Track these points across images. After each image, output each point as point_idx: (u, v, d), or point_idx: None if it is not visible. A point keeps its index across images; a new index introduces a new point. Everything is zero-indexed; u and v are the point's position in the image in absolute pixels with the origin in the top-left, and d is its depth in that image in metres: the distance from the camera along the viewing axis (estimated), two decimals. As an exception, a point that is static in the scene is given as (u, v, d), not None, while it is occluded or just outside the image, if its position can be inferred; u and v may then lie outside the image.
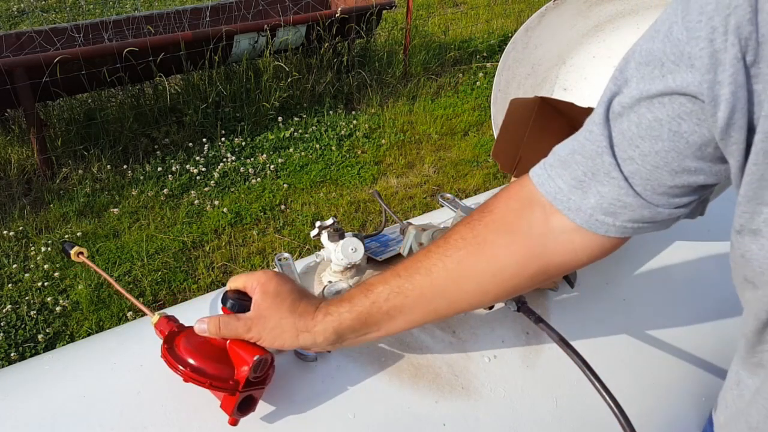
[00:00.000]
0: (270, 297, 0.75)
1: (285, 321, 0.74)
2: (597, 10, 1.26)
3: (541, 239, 0.67)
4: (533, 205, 0.68)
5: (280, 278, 0.78)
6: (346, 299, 0.74)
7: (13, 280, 2.85)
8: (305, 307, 0.75)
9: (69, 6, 6.68)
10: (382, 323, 0.73)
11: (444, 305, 0.72)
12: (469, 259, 0.69)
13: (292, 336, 0.74)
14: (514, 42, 1.25)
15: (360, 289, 0.74)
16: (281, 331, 0.74)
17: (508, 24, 6.36)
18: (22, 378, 0.85)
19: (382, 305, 0.71)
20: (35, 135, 3.49)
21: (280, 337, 0.74)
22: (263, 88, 4.28)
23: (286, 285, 0.77)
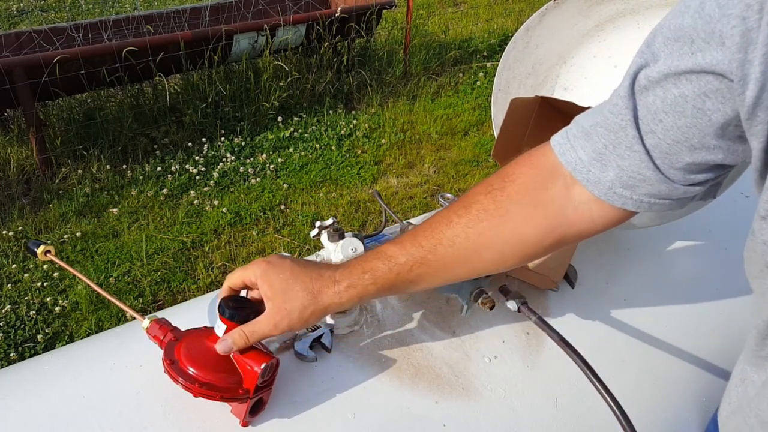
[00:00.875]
0: (278, 287, 0.74)
1: (307, 306, 0.74)
2: (597, 9, 1.25)
3: (562, 210, 0.69)
4: (556, 177, 0.69)
5: (276, 264, 0.76)
6: (367, 270, 0.74)
7: (12, 280, 2.85)
8: (320, 283, 0.74)
9: (68, 5, 6.67)
10: (405, 289, 0.77)
11: (464, 272, 0.75)
12: (492, 230, 0.71)
13: (319, 315, 0.76)
14: (515, 41, 1.25)
15: (379, 257, 0.75)
16: (309, 314, 0.75)
17: (509, 23, 6.36)
18: (22, 378, 0.85)
19: (406, 276, 0.74)
20: (34, 135, 3.49)
21: (309, 319, 0.75)
22: (263, 88, 4.27)
23: (284, 268, 0.75)
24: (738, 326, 1.06)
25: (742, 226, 1.26)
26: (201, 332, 0.82)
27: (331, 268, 0.76)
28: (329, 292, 0.74)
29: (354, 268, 0.75)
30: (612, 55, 1.32)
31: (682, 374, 1.01)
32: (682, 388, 0.99)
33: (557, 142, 0.71)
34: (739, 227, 1.25)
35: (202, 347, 0.77)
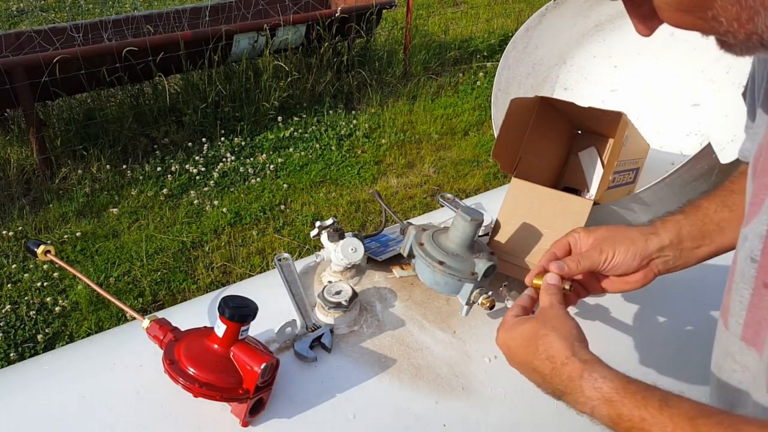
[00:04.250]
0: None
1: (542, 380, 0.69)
2: (597, 9, 1.25)
3: None
4: None
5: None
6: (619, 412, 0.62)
7: (12, 280, 2.85)
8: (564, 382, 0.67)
9: (68, 5, 6.67)
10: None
11: None
12: None
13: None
14: (515, 41, 1.25)
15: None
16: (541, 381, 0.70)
17: (509, 23, 6.36)
18: (22, 378, 0.85)
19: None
20: (34, 135, 3.48)
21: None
22: (263, 88, 4.27)
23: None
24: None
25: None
26: (201, 332, 0.82)
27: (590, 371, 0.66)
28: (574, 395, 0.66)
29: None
30: (612, 55, 1.32)
31: (682, 374, 1.01)
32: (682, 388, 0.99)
33: None
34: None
35: (202, 347, 0.77)
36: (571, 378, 0.65)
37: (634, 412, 0.59)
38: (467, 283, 0.91)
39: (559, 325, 0.70)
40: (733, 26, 0.51)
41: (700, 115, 1.22)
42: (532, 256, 1.03)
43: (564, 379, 0.65)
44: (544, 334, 0.69)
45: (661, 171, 0.96)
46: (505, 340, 0.73)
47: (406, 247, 0.98)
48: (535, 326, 0.71)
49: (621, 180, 1.12)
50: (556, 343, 0.67)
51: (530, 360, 0.69)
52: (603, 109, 1.07)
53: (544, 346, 0.68)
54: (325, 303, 0.92)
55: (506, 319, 0.75)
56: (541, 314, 0.73)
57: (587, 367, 0.64)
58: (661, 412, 0.58)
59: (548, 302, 0.75)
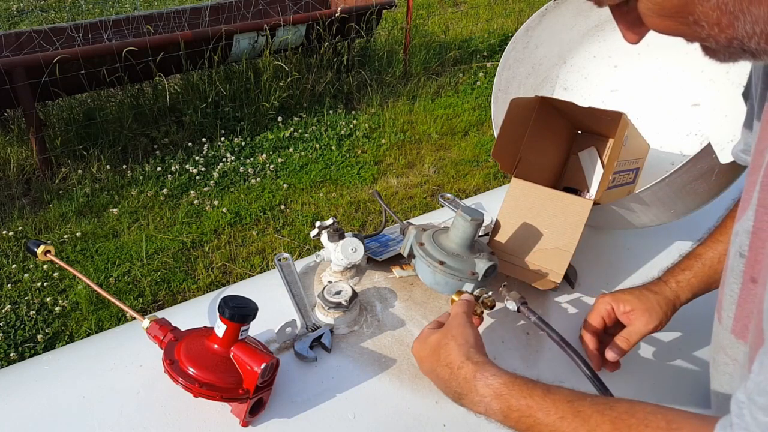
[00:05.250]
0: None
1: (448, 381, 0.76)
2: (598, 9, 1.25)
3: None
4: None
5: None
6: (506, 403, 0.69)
7: (12, 280, 2.85)
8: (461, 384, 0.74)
9: (68, 6, 6.67)
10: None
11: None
12: None
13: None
14: (515, 41, 1.25)
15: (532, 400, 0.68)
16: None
17: (509, 23, 6.36)
18: (22, 378, 0.85)
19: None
20: (34, 135, 3.49)
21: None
22: (263, 88, 4.27)
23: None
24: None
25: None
26: (201, 332, 0.82)
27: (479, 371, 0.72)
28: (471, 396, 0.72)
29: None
30: (612, 55, 1.32)
31: (682, 374, 1.01)
32: (681, 388, 0.99)
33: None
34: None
35: (202, 347, 0.77)
36: (466, 379, 0.72)
37: (521, 402, 0.67)
38: (467, 283, 0.91)
39: (458, 333, 0.77)
40: (713, 31, 0.51)
41: (700, 115, 1.22)
42: (532, 256, 1.03)
43: (461, 382, 0.72)
44: (445, 343, 0.76)
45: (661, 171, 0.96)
46: (417, 350, 0.81)
47: (406, 247, 0.98)
48: (439, 336, 0.78)
49: (621, 180, 1.12)
50: (453, 350, 0.75)
51: (434, 367, 0.76)
52: (603, 109, 1.07)
53: (445, 353, 0.75)
54: (325, 303, 0.92)
55: (423, 331, 0.83)
56: (446, 325, 0.80)
57: (479, 368, 0.71)
58: (544, 399, 0.66)
59: (454, 313, 0.82)
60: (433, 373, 0.77)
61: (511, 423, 0.68)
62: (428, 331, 0.82)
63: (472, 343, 0.76)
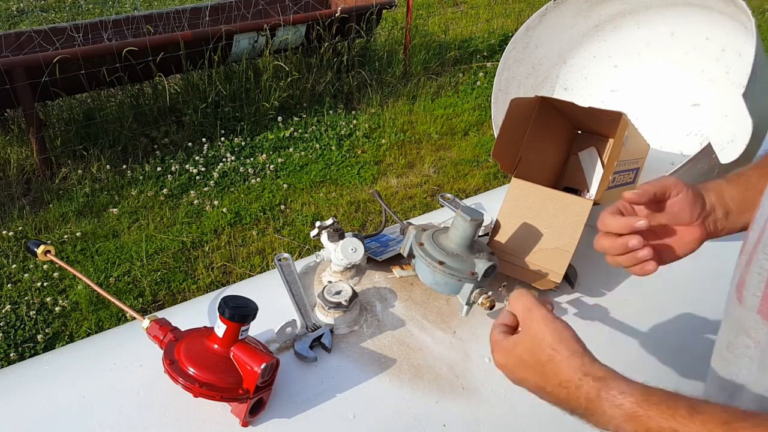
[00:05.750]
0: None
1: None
2: (597, 9, 1.25)
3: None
4: None
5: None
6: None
7: (12, 280, 2.85)
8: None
9: (68, 6, 6.67)
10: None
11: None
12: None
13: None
14: (515, 41, 1.25)
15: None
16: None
17: (509, 23, 6.36)
18: (22, 378, 0.85)
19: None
20: (34, 135, 3.48)
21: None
22: (263, 88, 4.27)
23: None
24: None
25: (742, 226, 1.26)
26: (201, 332, 0.82)
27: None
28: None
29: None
30: (612, 55, 1.32)
31: (682, 374, 1.01)
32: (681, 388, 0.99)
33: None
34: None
35: (202, 347, 0.77)
36: (589, 399, 0.61)
37: (663, 424, 0.55)
38: (467, 283, 0.91)
39: (556, 343, 0.66)
40: None
41: (700, 115, 1.22)
42: (532, 256, 1.03)
43: (582, 402, 0.62)
44: (548, 359, 0.65)
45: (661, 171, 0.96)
46: (505, 364, 0.70)
47: (406, 247, 0.98)
48: (529, 347, 0.67)
49: (621, 180, 1.12)
50: (563, 365, 0.64)
51: (541, 385, 0.66)
52: (603, 109, 1.07)
53: (553, 372, 0.65)
54: (325, 303, 0.92)
55: (495, 339, 0.71)
56: (527, 327, 0.69)
57: (603, 386, 0.61)
58: (692, 419, 0.54)
59: (525, 310, 0.70)
60: (541, 390, 0.67)
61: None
62: (505, 340, 0.70)
63: (579, 351, 0.65)
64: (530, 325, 0.68)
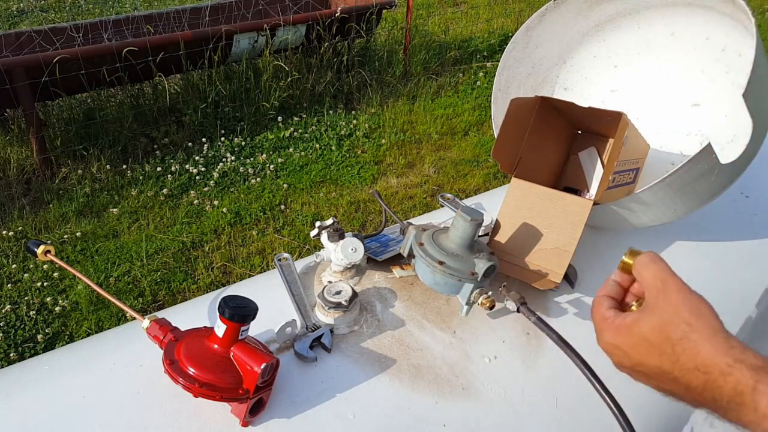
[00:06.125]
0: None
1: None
2: (597, 9, 1.25)
3: None
4: None
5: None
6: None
7: (12, 280, 2.85)
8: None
9: (68, 6, 6.67)
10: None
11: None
12: None
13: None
14: (515, 41, 1.25)
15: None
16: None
17: (509, 23, 6.36)
18: (22, 378, 0.85)
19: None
20: (34, 135, 3.48)
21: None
22: (263, 88, 4.27)
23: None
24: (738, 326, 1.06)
25: (742, 226, 1.26)
26: (201, 332, 0.82)
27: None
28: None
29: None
30: (612, 55, 1.32)
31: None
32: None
33: None
34: (739, 227, 1.25)
35: (202, 347, 0.77)
36: (739, 392, 0.50)
37: None
38: (467, 283, 0.91)
39: (694, 317, 0.54)
40: None
41: (700, 115, 1.22)
42: (532, 256, 1.03)
43: (726, 392, 0.51)
44: (682, 336, 0.54)
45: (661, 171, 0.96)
46: (618, 345, 0.59)
47: (406, 247, 0.98)
48: (658, 323, 0.55)
49: (621, 180, 1.12)
50: (704, 345, 0.53)
51: (667, 369, 0.55)
52: (603, 109, 1.07)
53: (687, 352, 0.53)
54: (325, 303, 0.92)
55: (605, 316, 0.60)
56: (659, 301, 0.57)
57: (762, 376, 0.50)
58: None
59: (659, 281, 0.58)
60: (663, 376, 0.56)
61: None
62: (618, 316, 0.60)
63: (723, 331, 0.53)
64: (663, 298, 0.56)
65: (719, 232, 1.23)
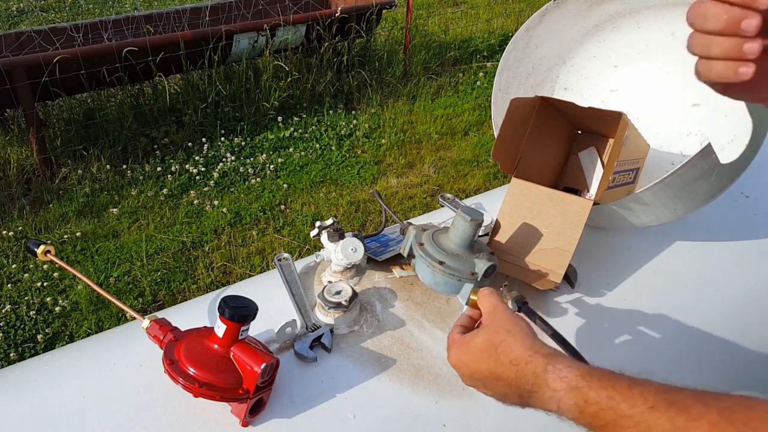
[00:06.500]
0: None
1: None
2: (597, 9, 1.25)
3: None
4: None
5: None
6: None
7: (12, 280, 2.85)
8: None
9: (68, 6, 6.67)
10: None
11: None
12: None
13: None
14: (515, 41, 1.25)
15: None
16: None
17: (509, 23, 6.36)
18: (22, 378, 0.85)
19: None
20: (34, 135, 3.49)
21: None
22: (263, 88, 4.27)
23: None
24: (738, 326, 1.06)
25: (742, 226, 1.26)
26: (201, 332, 0.82)
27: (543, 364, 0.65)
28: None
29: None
30: (612, 55, 1.32)
31: (682, 374, 1.01)
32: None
33: None
34: (739, 227, 1.25)
35: (202, 347, 0.77)
36: (536, 374, 0.64)
37: (602, 393, 0.58)
38: (467, 283, 0.91)
39: (512, 326, 0.69)
40: None
41: (700, 115, 1.22)
42: (532, 256, 1.03)
43: (530, 377, 0.65)
44: (501, 340, 0.68)
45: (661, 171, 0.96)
46: (460, 358, 0.72)
47: (406, 247, 0.98)
48: (487, 335, 0.70)
49: (621, 180, 1.12)
50: (515, 345, 0.67)
51: (492, 369, 0.68)
52: (603, 109, 1.07)
53: (505, 352, 0.67)
54: (325, 303, 0.92)
55: (453, 338, 0.74)
56: (489, 321, 0.72)
57: (551, 360, 0.64)
58: (630, 389, 0.57)
59: (491, 306, 0.74)
60: (491, 376, 0.68)
61: (586, 419, 0.59)
62: (462, 336, 0.73)
63: (532, 334, 0.68)
64: (493, 318, 0.72)
65: (719, 232, 1.23)
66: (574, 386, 0.61)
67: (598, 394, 0.58)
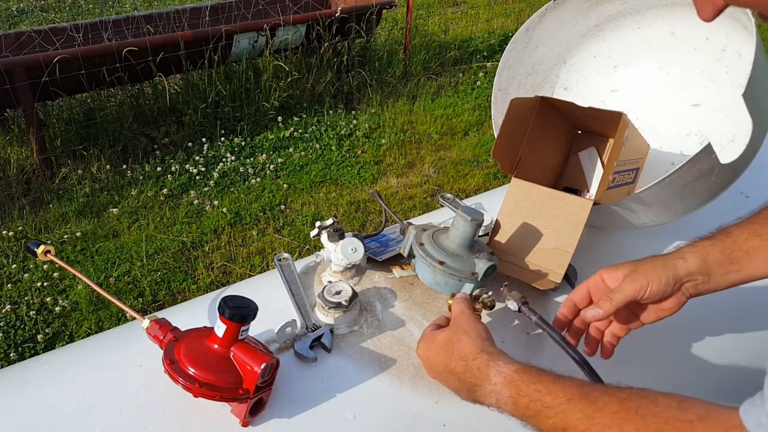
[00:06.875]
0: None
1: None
2: (597, 9, 1.25)
3: None
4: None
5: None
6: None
7: (12, 280, 2.85)
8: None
9: (68, 6, 6.67)
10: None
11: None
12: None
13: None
14: (515, 41, 1.25)
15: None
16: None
17: (509, 23, 6.36)
18: (22, 378, 0.85)
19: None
20: (34, 135, 3.48)
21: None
22: (263, 88, 4.27)
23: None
24: (737, 326, 1.06)
25: (742, 226, 1.26)
26: (201, 332, 0.82)
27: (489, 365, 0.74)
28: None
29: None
30: (612, 55, 1.32)
31: (682, 374, 1.01)
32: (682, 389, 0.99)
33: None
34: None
35: (202, 347, 0.77)
36: (480, 369, 0.73)
37: (531, 387, 0.68)
38: (467, 283, 0.91)
39: (470, 328, 0.79)
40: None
41: (700, 115, 1.22)
42: (532, 256, 1.03)
43: (475, 372, 0.74)
44: (458, 338, 0.78)
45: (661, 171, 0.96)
46: (424, 351, 0.82)
47: (406, 247, 0.98)
48: (448, 333, 0.80)
49: (621, 180, 1.12)
50: (467, 343, 0.76)
51: (447, 363, 0.77)
52: (603, 109, 1.07)
53: (458, 348, 0.77)
54: (325, 303, 0.92)
55: (424, 333, 0.84)
56: (454, 322, 0.82)
57: (492, 358, 0.74)
58: (554, 383, 0.68)
59: (459, 310, 0.84)
60: (446, 369, 0.77)
61: (520, 410, 0.69)
62: (432, 332, 0.82)
63: (484, 336, 0.78)
64: (456, 320, 0.82)
65: (719, 232, 1.22)
66: (509, 380, 0.70)
67: (528, 388, 0.69)
